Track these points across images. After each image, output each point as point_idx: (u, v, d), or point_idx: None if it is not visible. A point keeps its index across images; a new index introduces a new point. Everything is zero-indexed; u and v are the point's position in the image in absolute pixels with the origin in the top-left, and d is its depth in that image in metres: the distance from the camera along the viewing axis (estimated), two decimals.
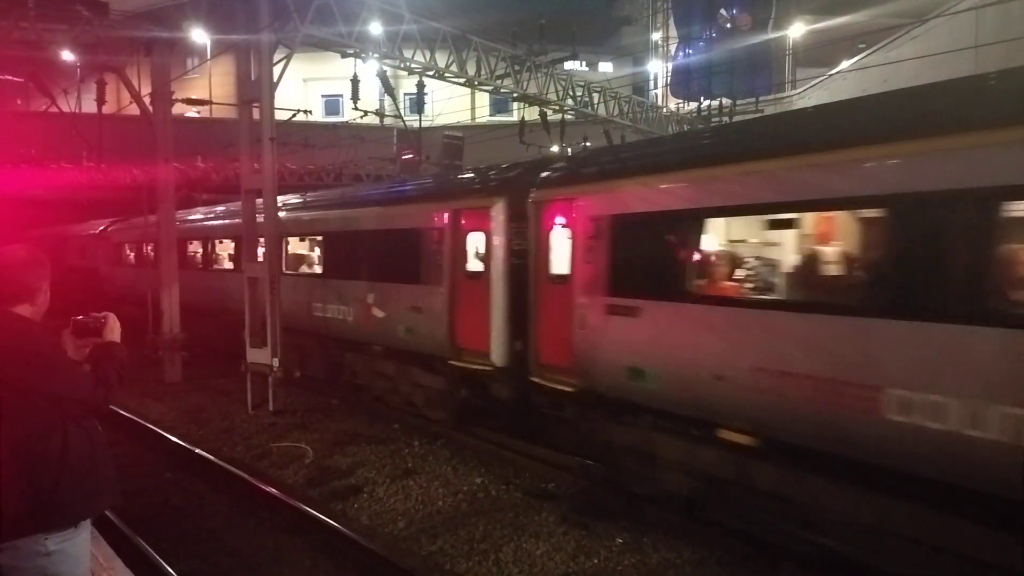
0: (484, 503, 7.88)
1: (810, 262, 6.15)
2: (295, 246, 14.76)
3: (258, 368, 11.90)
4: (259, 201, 12.15)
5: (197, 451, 9.70)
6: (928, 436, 4.74)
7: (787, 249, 6.63)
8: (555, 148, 18.74)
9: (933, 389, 4.74)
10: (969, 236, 4.69)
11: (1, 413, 2.90)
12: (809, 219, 6.33)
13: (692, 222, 6.61)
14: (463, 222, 10.01)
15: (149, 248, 19.29)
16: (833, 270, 6.00)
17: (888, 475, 5.03)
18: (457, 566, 6.48)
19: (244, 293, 12.12)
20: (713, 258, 6.74)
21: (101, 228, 24.38)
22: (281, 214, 12.85)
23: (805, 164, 5.71)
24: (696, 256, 6.61)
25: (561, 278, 8.29)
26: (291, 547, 6.99)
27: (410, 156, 21.00)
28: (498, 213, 9.41)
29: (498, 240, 9.42)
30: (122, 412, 11.24)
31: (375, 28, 13.93)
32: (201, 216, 19.12)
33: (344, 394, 12.81)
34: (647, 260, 7.09)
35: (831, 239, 6.20)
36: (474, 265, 9.84)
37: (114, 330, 3.37)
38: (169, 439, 10.40)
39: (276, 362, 11.58)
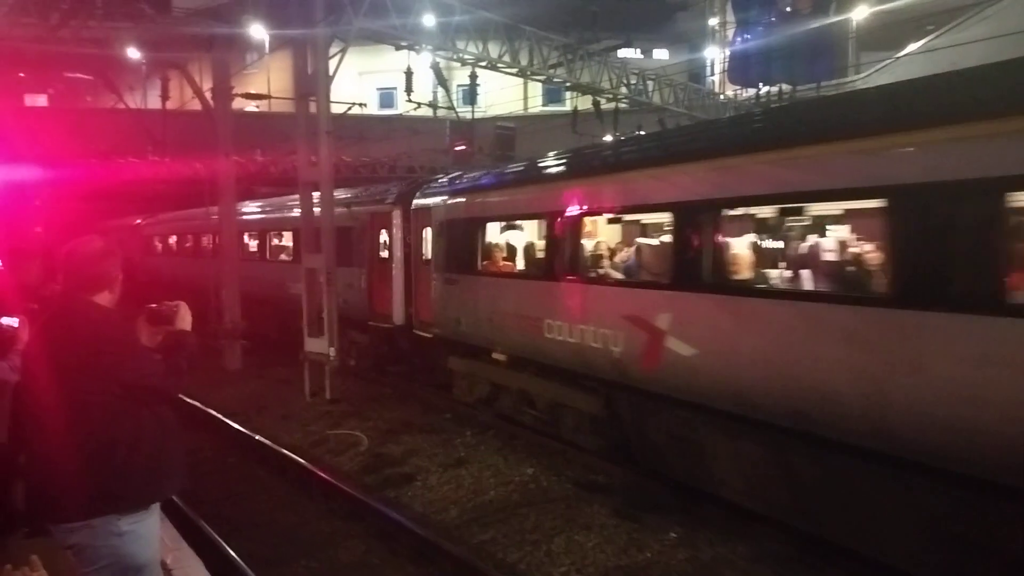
0: (535, 494, 7.90)
1: (523, 249, 10.26)
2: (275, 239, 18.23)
3: (315, 357, 12.16)
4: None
5: (257, 437, 9.99)
6: (558, 344, 8.45)
7: (517, 241, 10.50)
8: (608, 137, 18.56)
9: (556, 318, 8.50)
10: (554, 238, 8.69)
11: (79, 399, 3.02)
12: (525, 224, 10.52)
13: (476, 225, 10.38)
14: (376, 222, 13.50)
15: (172, 240, 24.34)
16: (527, 254, 10.11)
17: (559, 371, 8.75)
18: (508, 556, 6.52)
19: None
20: (486, 247, 10.27)
21: (137, 222, 27.50)
22: (260, 215, 16.29)
23: (516, 194, 9.94)
24: (478, 246, 10.25)
25: (427, 261, 11.90)
26: (346, 532, 7.15)
27: (463, 147, 21.09)
28: (396, 217, 12.92)
29: (397, 235, 12.87)
30: (186, 399, 11.62)
31: (428, 20, 14.02)
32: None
33: (397, 383, 13.01)
34: (460, 248, 10.63)
35: (528, 237, 10.39)
36: (384, 253, 13.34)
37: (185, 319, 3.45)
38: (230, 425, 10.73)
39: (333, 351, 11.82)
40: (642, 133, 15.31)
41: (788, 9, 27.99)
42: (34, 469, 3.21)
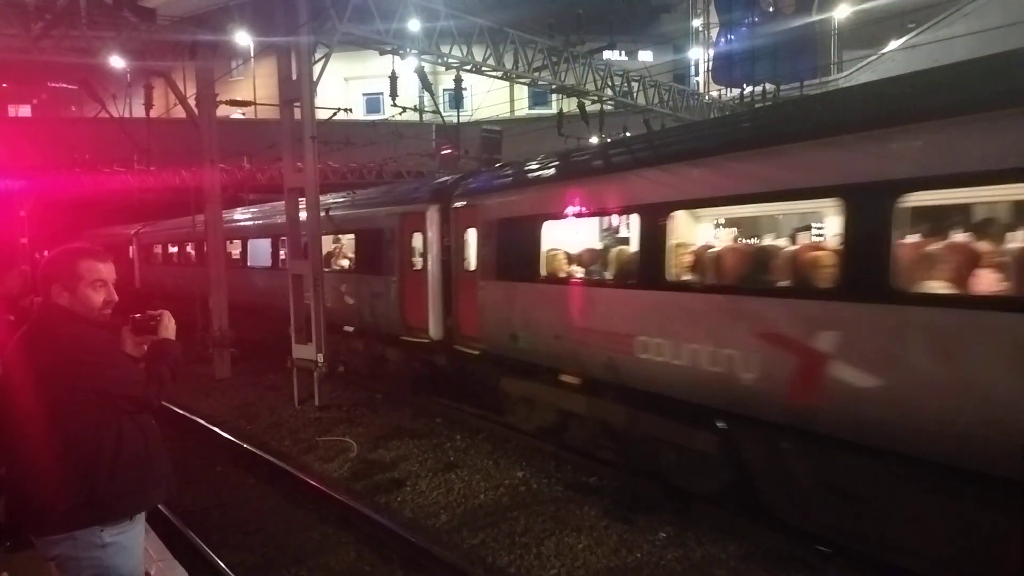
0: (525, 497, 7.88)
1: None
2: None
3: (303, 364, 12.11)
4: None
5: (246, 446, 9.92)
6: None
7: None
8: (594, 139, 18.60)
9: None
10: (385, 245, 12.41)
11: (56, 409, 2.99)
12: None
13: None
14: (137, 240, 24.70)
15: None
16: (348, 256, 13.96)
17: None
18: (499, 559, 6.50)
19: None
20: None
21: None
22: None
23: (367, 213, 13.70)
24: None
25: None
26: (337, 539, 7.11)
27: (449, 151, 21.11)
28: (135, 239, 23.86)
29: (135, 248, 23.48)
30: (174, 408, 11.55)
31: (413, 25, 14.01)
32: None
33: (387, 388, 12.98)
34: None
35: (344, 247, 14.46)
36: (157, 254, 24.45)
37: (168, 328, 3.42)
38: (219, 434, 10.66)
39: (321, 358, 11.77)
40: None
41: (771, 9, 28.17)
42: (16, 481, 3.17)
